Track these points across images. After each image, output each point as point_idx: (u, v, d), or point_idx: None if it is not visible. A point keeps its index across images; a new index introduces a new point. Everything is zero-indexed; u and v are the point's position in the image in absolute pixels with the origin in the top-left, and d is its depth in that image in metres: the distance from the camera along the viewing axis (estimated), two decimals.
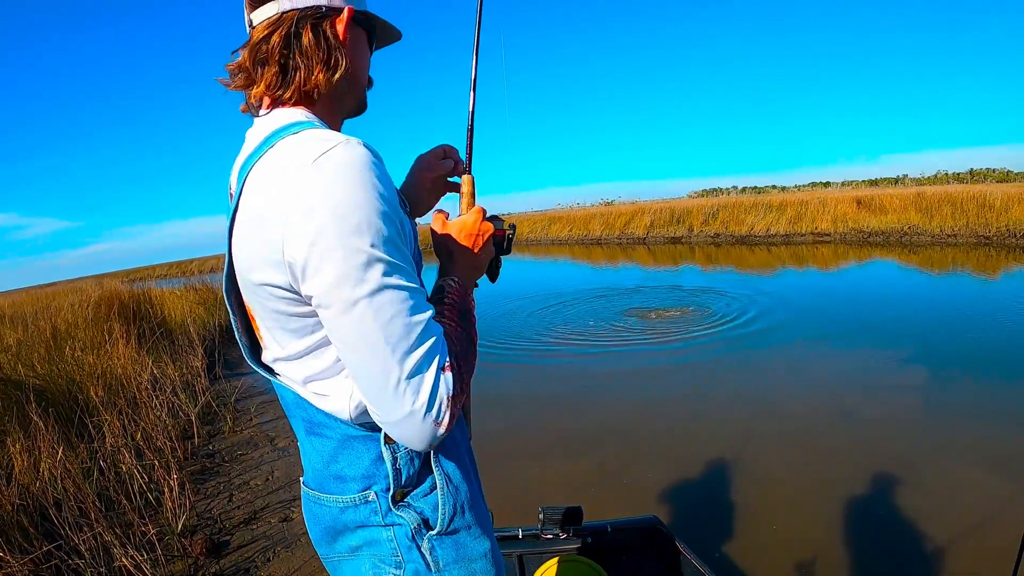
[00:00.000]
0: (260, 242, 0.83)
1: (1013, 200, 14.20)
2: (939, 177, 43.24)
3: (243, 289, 0.93)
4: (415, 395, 0.80)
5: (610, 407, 4.93)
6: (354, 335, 0.80)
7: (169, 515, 3.25)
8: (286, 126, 0.89)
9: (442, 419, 0.82)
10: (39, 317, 7.01)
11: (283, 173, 0.82)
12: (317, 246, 0.77)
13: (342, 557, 1.02)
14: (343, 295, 0.78)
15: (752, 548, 2.83)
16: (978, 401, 4.33)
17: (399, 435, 0.84)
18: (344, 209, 0.77)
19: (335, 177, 0.78)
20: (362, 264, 0.78)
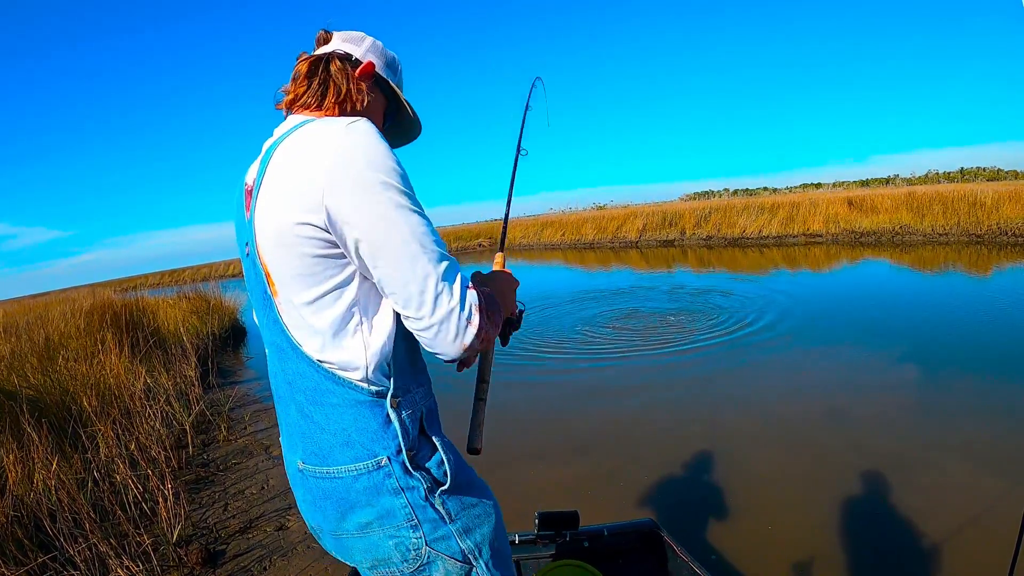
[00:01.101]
0: (296, 195, 0.96)
1: (1004, 198, 14.28)
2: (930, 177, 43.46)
3: (269, 248, 1.01)
4: (450, 295, 0.95)
5: (604, 411, 4.93)
6: (398, 247, 0.94)
7: (164, 525, 3.24)
8: (308, 119, 1.08)
9: (472, 318, 0.97)
10: (31, 327, 6.98)
11: (316, 140, 0.98)
12: (357, 188, 0.93)
13: (351, 535, 1.05)
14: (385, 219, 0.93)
15: (749, 550, 2.84)
16: (971, 398, 4.34)
17: (436, 336, 0.96)
18: (375, 159, 0.95)
19: (365, 137, 0.96)
20: (395, 195, 0.95)
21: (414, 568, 1.04)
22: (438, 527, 1.04)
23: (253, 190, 1.05)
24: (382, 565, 1.05)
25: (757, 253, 16.16)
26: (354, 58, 1.17)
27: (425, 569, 1.05)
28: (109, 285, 21.64)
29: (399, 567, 1.04)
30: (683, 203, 30.31)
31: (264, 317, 1.09)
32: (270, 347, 1.11)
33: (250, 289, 1.13)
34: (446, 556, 1.05)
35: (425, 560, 1.04)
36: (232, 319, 11.11)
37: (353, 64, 1.16)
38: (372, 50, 1.20)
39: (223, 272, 38.57)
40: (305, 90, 1.12)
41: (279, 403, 1.14)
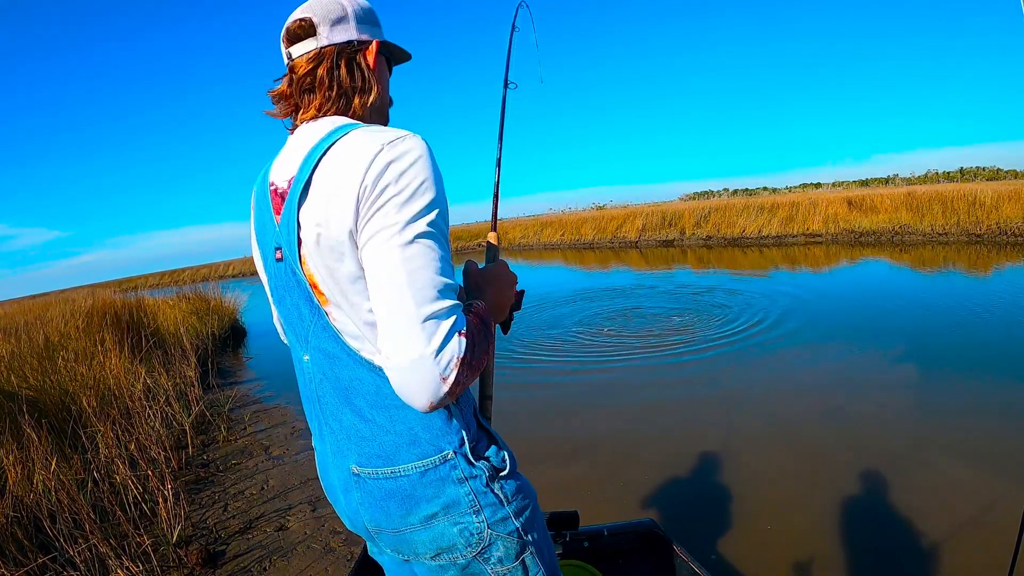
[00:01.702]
0: (340, 202, 0.96)
1: (1003, 198, 14.28)
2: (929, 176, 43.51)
3: (319, 258, 1.01)
4: (429, 338, 0.89)
5: (603, 411, 4.93)
6: (387, 270, 0.91)
7: (164, 525, 3.24)
8: (347, 124, 1.06)
9: (448, 374, 0.89)
10: (31, 328, 6.97)
11: (360, 151, 0.97)
12: (384, 194, 0.93)
13: (415, 529, 1.07)
14: (389, 235, 0.92)
15: (749, 549, 2.84)
16: (972, 398, 4.34)
17: (404, 382, 0.90)
18: (410, 177, 0.94)
19: (407, 155, 0.96)
20: (412, 217, 0.93)
21: (477, 551, 1.08)
22: (497, 510, 1.08)
23: (289, 194, 1.04)
24: (446, 552, 1.08)
25: (757, 253, 16.16)
26: (355, 42, 1.12)
27: (487, 551, 1.08)
28: (109, 285, 21.63)
29: (462, 552, 1.08)
30: (683, 203, 30.33)
31: (308, 324, 1.09)
32: (316, 353, 1.10)
33: (279, 292, 1.14)
34: (504, 535, 1.09)
35: (487, 542, 1.08)
36: (232, 319, 11.11)
37: (358, 50, 1.12)
38: (361, 21, 1.13)
39: (223, 272, 38.61)
40: (327, 100, 1.10)
41: (324, 409, 1.13)
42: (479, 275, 1.20)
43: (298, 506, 3.67)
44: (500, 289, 1.20)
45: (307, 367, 1.13)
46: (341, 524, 3.41)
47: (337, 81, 1.10)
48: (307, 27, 1.10)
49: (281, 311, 1.16)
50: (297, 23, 1.11)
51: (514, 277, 1.26)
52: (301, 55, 1.11)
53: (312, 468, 4.26)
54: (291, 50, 1.12)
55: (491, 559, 1.09)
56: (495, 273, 1.22)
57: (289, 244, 1.05)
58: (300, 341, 1.12)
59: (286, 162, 1.09)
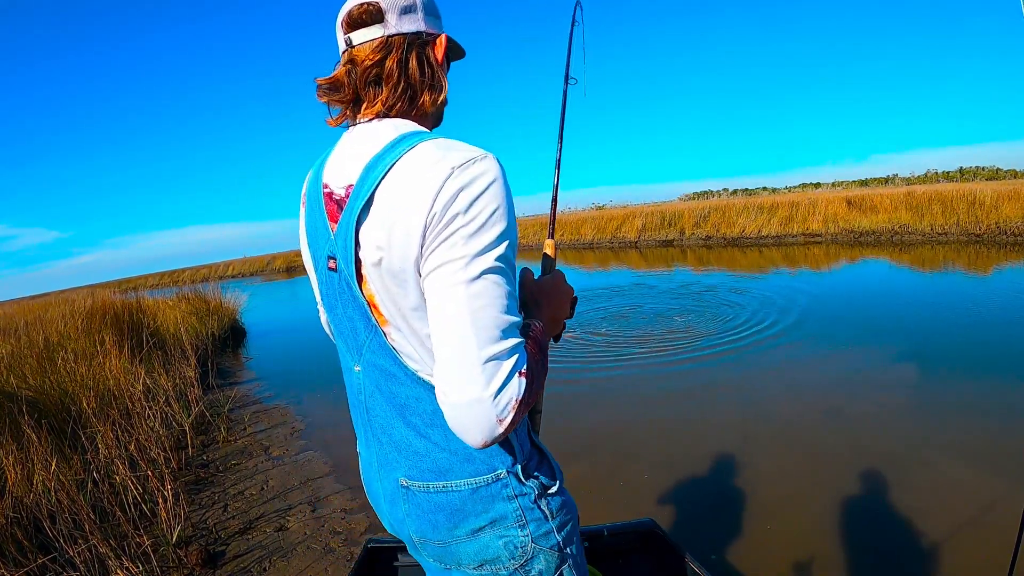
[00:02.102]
0: (406, 228, 0.90)
1: (1003, 198, 14.29)
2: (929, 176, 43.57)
3: (377, 275, 0.98)
4: (488, 381, 0.85)
5: (603, 411, 4.93)
6: (450, 307, 0.87)
7: (164, 526, 3.24)
8: (413, 133, 0.99)
9: (505, 416, 0.86)
10: (31, 328, 6.97)
11: (429, 174, 0.90)
12: (452, 224, 0.87)
13: (461, 541, 1.07)
14: (455, 269, 0.87)
15: (749, 549, 2.84)
16: (970, 397, 4.34)
17: (458, 419, 0.87)
18: (481, 206, 0.88)
19: (479, 180, 0.89)
20: (479, 251, 0.88)
21: (519, 563, 1.08)
22: (542, 525, 1.08)
23: (348, 207, 0.99)
24: (489, 564, 1.08)
25: (756, 253, 16.16)
26: (423, 34, 1.05)
27: (529, 563, 1.08)
28: (108, 286, 21.63)
29: (505, 563, 1.07)
30: (682, 203, 30.36)
31: (363, 339, 1.06)
32: (370, 368, 1.07)
33: (330, 299, 1.10)
34: (547, 549, 1.09)
35: (530, 555, 1.08)
36: (231, 320, 11.11)
37: (427, 43, 1.06)
38: (428, 12, 1.07)
39: (223, 273, 38.62)
40: (394, 94, 1.03)
41: (372, 421, 1.11)
42: (536, 289, 1.16)
43: (298, 506, 3.67)
44: (558, 304, 1.17)
45: (358, 378, 1.11)
46: (341, 524, 3.41)
47: (407, 75, 1.03)
48: (374, 12, 1.02)
49: (332, 318, 1.13)
50: (362, 7, 1.02)
51: (571, 290, 1.22)
52: (364, 42, 1.03)
53: (311, 468, 4.27)
54: (351, 36, 1.03)
55: (532, 571, 1.09)
56: (553, 287, 1.18)
57: (346, 259, 1.00)
58: (352, 352, 1.10)
59: (343, 165, 1.03)
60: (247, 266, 40.92)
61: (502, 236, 0.90)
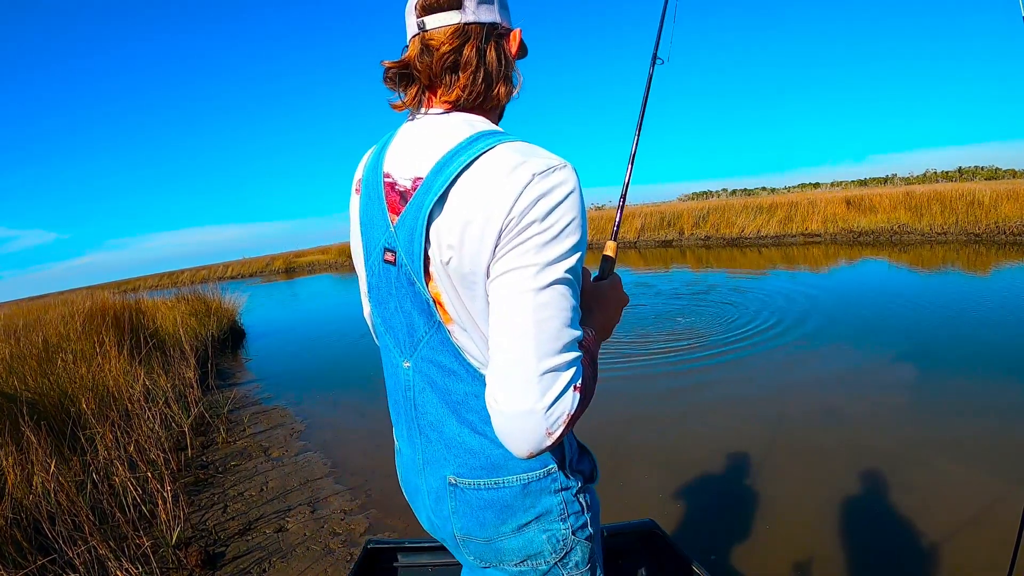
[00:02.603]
0: (481, 231, 0.89)
1: (1002, 197, 14.30)
2: (928, 176, 43.60)
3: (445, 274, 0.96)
4: (543, 393, 0.84)
5: (603, 411, 4.92)
6: (515, 314, 0.86)
7: (163, 527, 3.23)
8: (488, 132, 0.96)
9: (555, 429, 0.86)
10: (30, 329, 6.96)
11: (509, 179, 0.88)
12: (528, 231, 0.86)
13: (506, 537, 1.07)
14: (524, 276, 0.86)
15: (749, 549, 2.84)
16: (970, 397, 4.35)
17: (507, 429, 0.86)
18: (558, 215, 0.87)
19: (558, 189, 0.87)
20: (551, 260, 0.86)
21: (560, 556, 1.09)
22: (580, 517, 1.09)
23: (415, 200, 0.96)
24: (532, 559, 1.08)
25: (756, 253, 16.17)
26: (500, 26, 1.02)
27: (568, 556, 1.09)
28: (108, 287, 21.60)
29: (547, 558, 1.08)
30: (681, 203, 30.35)
31: (421, 334, 1.04)
32: (426, 364, 1.05)
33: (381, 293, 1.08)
34: (584, 540, 1.11)
35: (569, 547, 1.09)
36: (231, 321, 11.09)
37: (503, 36, 1.03)
38: (503, 6, 1.04)
39: (222, 274, 38.57)
40: (469, 83, 1.00)
41: (421, 418, 1.09)
42: (593, 294, 1.12)
43: (297, 507, 3.67)
44: (613, 311, 1.15)
45: (407, 374, 1.09)
46: (340, 525, 3.41)
47: (485, 64, 1.00)
48: None
49: (381, 312, 1.10)
50: None
51: (626, 298, 1.19)
52: (439, 27, 0.99)
53: (311, 469, 4.27)
54: (425, 20, 1.00)
55: (569, 564, 1.10)
56: (609, 294, 1.15)
57: (411, 254, 0.98)
58: (403, 348, 1.08)
59: (409, 156, 1.01)
60: (246, 267, 40.86)
61: (575, 248, 0.89)
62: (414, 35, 1.02)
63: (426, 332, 1.03)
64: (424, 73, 1.01)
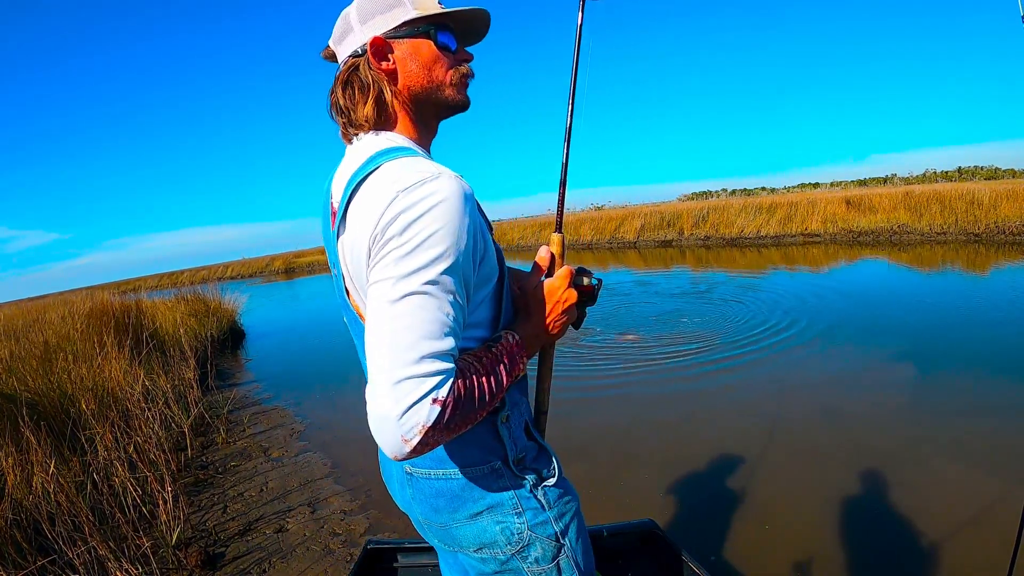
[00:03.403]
0: (360, 247, 0.96)
1: (1001, 197, 14.30)
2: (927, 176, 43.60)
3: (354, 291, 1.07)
4: (396, 401, 0.86)
5: (603, 412, 4.93)
6: (373, 323, 0.90)
7: (163, 528, 3.23)
8: (385, 150, 1.03)
9: (411, 438, 0.86)
10: (30, 330, 6.97)
11: (378, 196, 0.94)
12: (388, 245, 0.90)
13: (461, 524, 1.14)
14: (383, 289, 0.90)
15: (749, 549, 2.84)
16: (970, 397, 4.35)
17: (373, 428, 0.89)
18: (418, 228, 0.89)
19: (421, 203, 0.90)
20: (407, 273, 0.89)
21: (516, 549, 1.14)
22: (539, 514, 1.15)
23: (338, 214, 1.04)
24: (487, 548, 1.15)
25: (755, 253, 16.16)
26: (359, 49, 1.08)
27: (525, 550, 1.15)
28: (107, 287, 21.55)
29: (503, 548, 1.14)
30: (681, 203, 30.36)
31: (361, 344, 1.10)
32: None
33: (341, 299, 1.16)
34: (543, 538, 1.16)
35: (526, 542, 1.14)
36: (230, 321, 11.10)
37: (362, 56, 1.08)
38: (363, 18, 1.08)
39: (221, 274, 38.61)
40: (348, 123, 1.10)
41: None
42: (524, 295, 1.17)
43: (297, 508, 3.67)
44: (549, 312, 1.16)
45: None
46: (340, 526, 3.41)
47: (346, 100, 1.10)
48: (332, 56, 1.14)
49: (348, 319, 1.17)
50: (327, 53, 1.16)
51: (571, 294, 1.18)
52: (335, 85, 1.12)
53: (310, 470, 4.27)
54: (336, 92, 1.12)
55: (529, 558, 1.16)
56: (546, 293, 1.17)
57: (336, 270, 1.10)
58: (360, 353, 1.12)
59: (339, 179, 1.09)
60: (246, 267, 40.93)
61: (437, 259, 0.90)
62: None
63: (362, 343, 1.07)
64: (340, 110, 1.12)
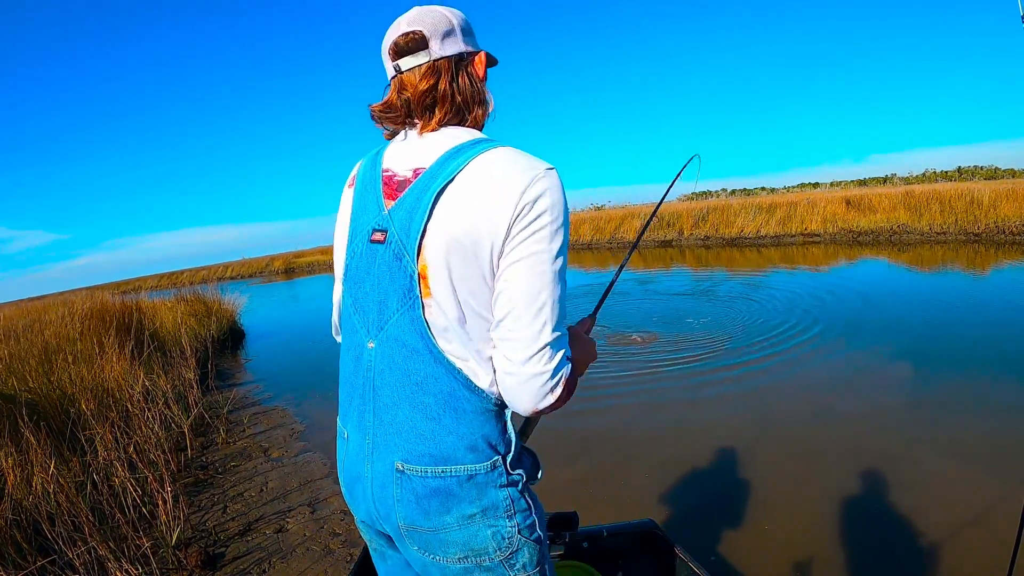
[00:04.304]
0: (493, 211, 1.01)
1: (1001, 197, 14.32)
2: (927, 176, 43.55)
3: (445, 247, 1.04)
4: (550, 360, 1.02)
5: (602, 412, 4.93)
6: (537, 289, 1.01)
7: (163, 528, 3.23)
8: (487, 139, 1.11)
9: (556, 389, 1.03)
10: (30, 330, 6.96)
11: (518, 172, 1.02)
12: (540, 220, 1.00)
13: (451, 528, 1.09)
14: (544, 259, 1.01)
15: (749, 549, 2.84)
16: (970, 397, 4.35)
17: (517, 385, 1.03)
18: (559, 210, 1.03)
19: (557, 188, 1.03)
20: (561, 248, 1.03)
21: (505, 556, 1.12)
22: (527, 516, 1.14)
23: (418, 183, 1.08)
24: (476, 555, 1.11)
25: (755, 253, 16.17)
26: (464, 54, 1.15)
27: (513, 556, 1.12)
28: (107, 288, 21.58)
29: (492, 555, 1.11)
30: (681, 203, 30.27)
31: (391, 312, 1.10)
32: (391, 343, 1.10)
33: (358, 274, 1.16)
34: (531, 541, 1.14)
35: (515, 547, 1.12)
36: (230, 321, 11.10)
37: (468, 62, 1.15)
38: (466, 33, 1.16)
39: (221, 274, 38.57)
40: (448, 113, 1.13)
41: (377, 401, 1.13)
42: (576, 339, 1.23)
43: (297, 508, 3.67)
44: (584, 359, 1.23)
45: (370, 354, 1.13)
46: (340, 526, 3.41)
47: (459, 94, 1.13)
48: (418, 40, 1.11)
49: (354, 292, 1.17)
50: (407, 36, 1.12)
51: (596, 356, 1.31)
52: (411, 68, 1.12)
53: (310, 470, 4.27)
54: (399, 63, 1.13)
55: (516, 564, 1.13)
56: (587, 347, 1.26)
57: (407, 231, 1.06)
58: (370, 327, 1.13)
59: (409, 155, 1.13)
60: (246, 268, 40.89)
61: (567, 239, 1.04)
62: (392, 77, 1.15)
63: (398, 309, 1.09)
64: (403, 108, 1.14)
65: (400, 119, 1.16)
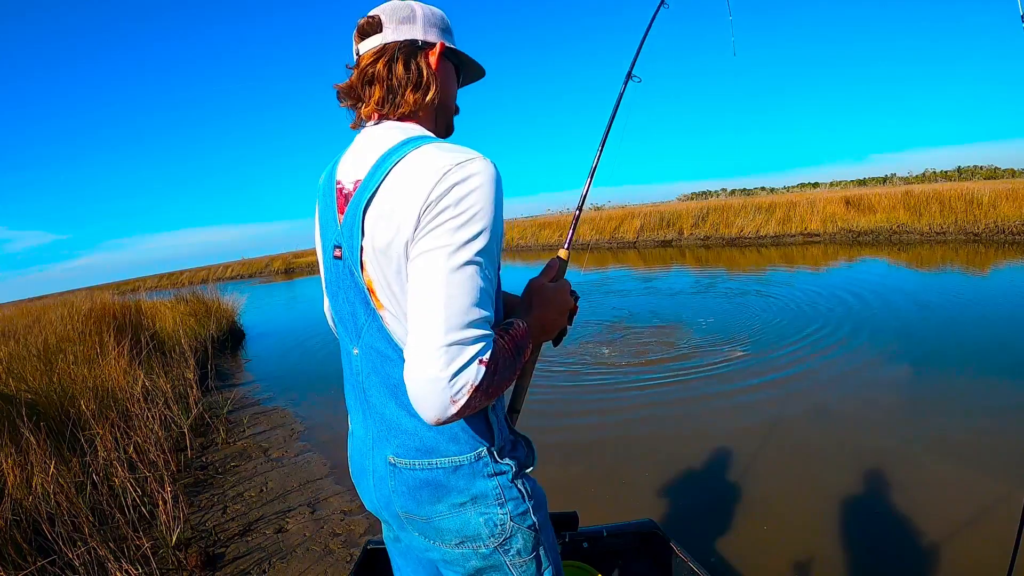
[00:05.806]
0: (403, 216, 1.00)
1: (1001, 196, 14.31)
2: (927, 175, 43.65)
3: (376, 260, 1.06)
4: (447, 363, 0.92)
5: (602, 413, 4.93)
6: (428, 288, 0.95)
7: (163, 528, 3.23)
8: (419, 136, 1.11)
9: (459, 398, 0.92)
10: (30, 330, 6.97)
11: (429, 167, 1.00)
12: (443, 215, 0.97)
13: (444, 516, 1.14)
14: (439, 256, 0.96)
15: (748, 550, 2.84)
16: (970, 396, 4.35)
17: (415, 393, 0.94)
18: (471, 202, 0.98)
19: (472, 179, 0.99)
20: (463, 242, 0.96)
21: (499, 542, 1.15)
22: (520, 504, 1.15)
23: (355, 197, 1.09)
24: (470, 541, 1.15)
25: (755, 253, 16.17)
26: (420, 42, 1.16)
27: (508, 542, 1.15)
28: (107, 288, 21.55)
29: (486, 541, 1.14)
30: (681, 203, 30.37)
31: (362, 322, 1.14)
32: (367, 350, 1.15)
33: (333, 287, 1.19)
34: (525, 528, 1.17)
35: (509, 534, 1.15)
36: (230, 322, 11.09)
37: (422, 49, 1.16)
38: (429, 23, 1.18)
39: (221, 275, 38.57)
40: (381, 92, 1.15)
41: (368, 401, 1.18)
42: (533, 292, 1.23)
43: (297, 508, 3.67)
44: (553, 311, 1.22)
45: (357, 360, 1.18)
46: (340, 526, 3.41)
47: (393, 76, 1.14)
48: (375, 24, 1.15)
49: (334, 305, 1.22)
50: (367, 20, 1.16)
51: (570, 302, 1.28)
52: (368, 50, 1.15)
53: (310, 470, 4.27)
54: (360, 46, 1.17)
55: (511, 551, 1.16)
56: (552, 295, 1.24)
57: (351, 247, 1.09)
58: (351, 336, 1.18)
59: (354, 163, 1.14)
60: (245, 268, 40.87)
61: (484, 232, 0.98)
62: (355, 59, 1.19)
63: (366, 320, 1.13)
64: (352, 90, 1.18)
65: (354, 98, 1.18)
